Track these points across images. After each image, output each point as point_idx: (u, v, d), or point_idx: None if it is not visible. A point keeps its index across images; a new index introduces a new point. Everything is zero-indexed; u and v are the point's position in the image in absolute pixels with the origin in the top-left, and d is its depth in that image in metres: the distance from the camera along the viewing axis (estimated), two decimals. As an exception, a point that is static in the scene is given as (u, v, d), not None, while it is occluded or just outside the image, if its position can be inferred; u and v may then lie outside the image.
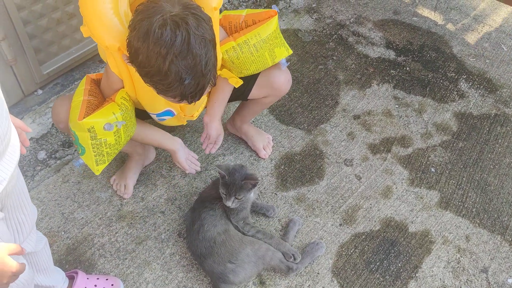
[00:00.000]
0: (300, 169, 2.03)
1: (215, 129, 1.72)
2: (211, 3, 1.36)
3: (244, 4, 2.76)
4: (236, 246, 1.59)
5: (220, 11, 1.63)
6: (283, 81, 1.76)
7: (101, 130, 1.43)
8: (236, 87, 1.67)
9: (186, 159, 1.77)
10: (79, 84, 1.55)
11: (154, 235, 1.78)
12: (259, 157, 2.04)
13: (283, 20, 2.73)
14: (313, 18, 2.78)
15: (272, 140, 2.10)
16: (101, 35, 1.29)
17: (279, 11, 1.65)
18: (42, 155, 1.96)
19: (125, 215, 1.83)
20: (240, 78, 1.66)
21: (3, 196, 0.93)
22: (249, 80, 1.74)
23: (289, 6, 2.83)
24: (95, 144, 1.46)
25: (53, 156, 1.97)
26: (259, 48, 1.57)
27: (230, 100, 1.78)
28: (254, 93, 1.79)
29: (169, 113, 1.62)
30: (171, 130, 2.01)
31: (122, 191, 1.87)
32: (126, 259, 1.71)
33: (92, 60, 2.21)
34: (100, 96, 1.54)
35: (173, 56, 1.14)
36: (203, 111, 1.79)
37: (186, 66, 1.16)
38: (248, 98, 1.82)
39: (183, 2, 1.20)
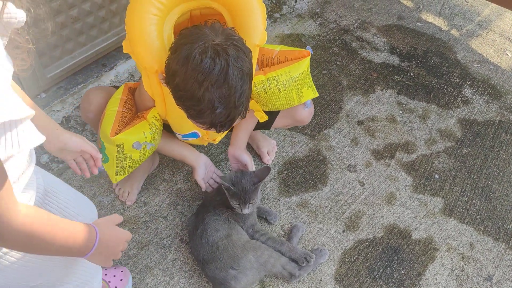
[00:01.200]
0: (303, 174, 2.02)
1: (245, 159, 1.74)
2: (254, 41, 1.37)
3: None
4: (238, 252, 1.58)
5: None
6: (306, 114, 1.78)
7: (129, 147, 1.47)
8: (261, 121, 1.69)
9: (207, 177, 1.81)
10: (117, 91, 1.58)
11: (156, 240, 1.77)
12: (262, 162, 2.03)
13: (287, 25, 2.72)
14: (316, 23, 2.77)
15: (277, 146, 2.10)
16: (142, 56, 1.32)
17: (312, 52, 1.67)
18: (44, 158, 1.95)
19: (127, 220, 1.82)
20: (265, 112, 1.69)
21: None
22: (272, 112, 1.76)
23: (293, 11, 2.83)
24: (120, 158, 1.51)
25: (55, 159, 1.96)
26: (287, 86, 1.58)
27: (253, 130, 1.82)
28: (277, 123, 1.82)
29: (194, 135, 1.65)
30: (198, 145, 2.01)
31: (125, 197, 1.86)
32: (128, 264, 1.70)
33: (96, 63, 2.21)
34: (134, 109, 1.57)
35: (209, 83, 1.15)
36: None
37: (220, 95, 1.17)
38: (271, 128, 1.86)
39: (227, 32, 1.21)
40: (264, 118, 1.67)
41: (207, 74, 1.15)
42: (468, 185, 2.05)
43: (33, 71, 1.93)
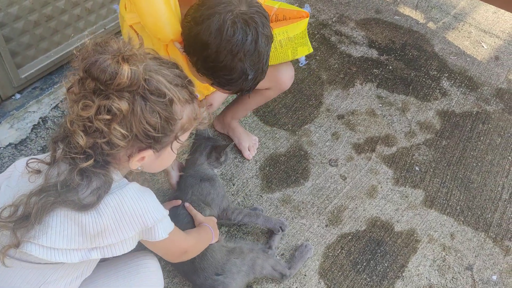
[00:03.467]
0: (285, 170, 2.02)
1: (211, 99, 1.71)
2: None
3: None
4: (218, 257, 1.53)
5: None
6: (288, 76, 1.79)
7: None
8: None
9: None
10: None
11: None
12: (243, 156, 2.02)
13: (266, 20, 2.71)
14: (295, 18, 2.77)
15: (258, 142, 2.09)
16: (154, 27, 1.31)
17: (310, 12, 1.67)
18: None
19: (108, 221, 1.79)
20: None
21: None
22: None
23: (271, 6, 2.81)
24: None
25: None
26: (284, 45, 1.59)
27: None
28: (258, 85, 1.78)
29: None
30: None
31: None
32: (110, 266, 1.68)
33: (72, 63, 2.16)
34: None
35: (242, 54, 1.20)
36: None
37: (251, 63, 1.22)
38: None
39: None
40: None
41: (241, 46, 1.19)
42: (448, 176, 2.07)
43: (6, 72, 1.88)
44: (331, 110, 2.29)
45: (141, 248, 1.16)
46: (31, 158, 1.03)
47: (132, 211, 1.02)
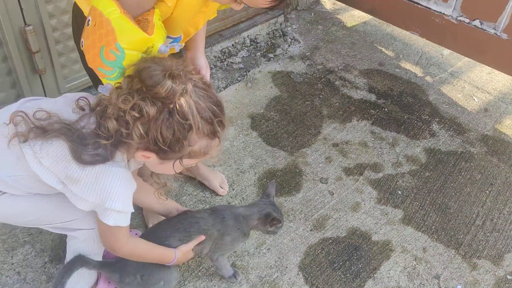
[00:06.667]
0: (280, 182, 2.29)
1: (201, 62, 1.69)
2: None
3: (246, 48, 3.15)
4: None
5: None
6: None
7: (155, 51, 1.30)
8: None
9: None
10: None
11: (145, 225, 2.01)
12: (218, 194, 2.16)
13: (279, 64, 3.10)
14: (305, 64, 3.15)
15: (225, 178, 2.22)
16: None
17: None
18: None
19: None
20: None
21: None
22: None
23: (286, 53, 3.21)
24: None
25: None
26: None
27: None
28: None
29: (178, 39, 1.58)
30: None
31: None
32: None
33: (109, 81, 2.55)
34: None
35: None
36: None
37: None
38: None
39: None
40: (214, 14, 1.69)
41: None
42: (427, 201, 2.29)
43: (55, 80, 2.27)
44: (328, 139, 2.58)
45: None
46: (81, 97, 1.25)
47: (103, 187, 1.18)
